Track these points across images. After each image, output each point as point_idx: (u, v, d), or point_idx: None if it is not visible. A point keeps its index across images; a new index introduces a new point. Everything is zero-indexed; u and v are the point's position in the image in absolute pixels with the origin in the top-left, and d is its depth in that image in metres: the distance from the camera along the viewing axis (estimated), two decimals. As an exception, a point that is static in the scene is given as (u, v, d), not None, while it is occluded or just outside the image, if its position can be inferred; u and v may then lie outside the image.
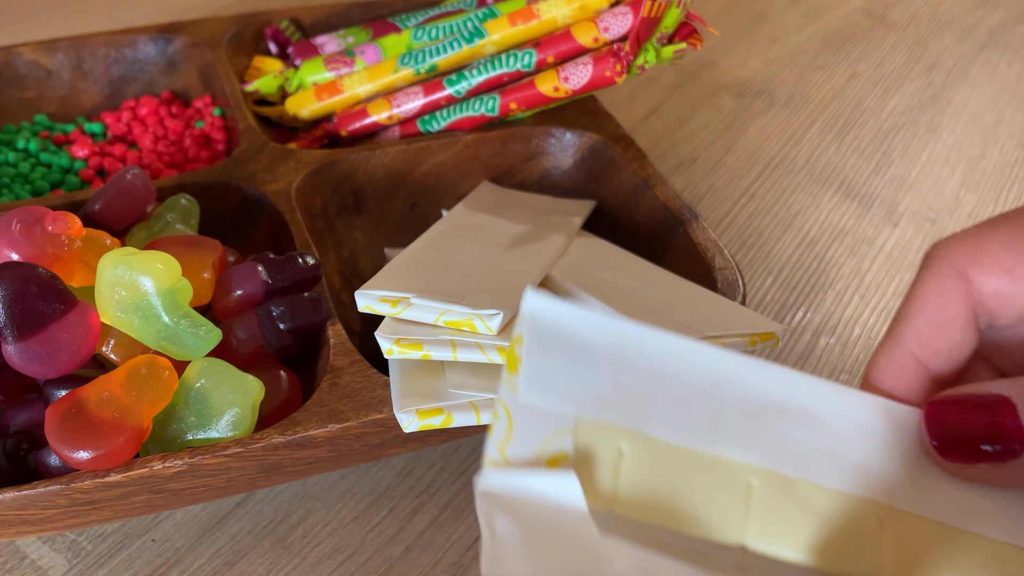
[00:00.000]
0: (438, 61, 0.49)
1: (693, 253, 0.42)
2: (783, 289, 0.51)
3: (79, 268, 0.35)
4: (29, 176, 0.48)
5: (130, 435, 0.31)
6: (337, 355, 0.36)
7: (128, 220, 0.40)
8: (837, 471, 0.22)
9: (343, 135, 0.50)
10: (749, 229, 0.55)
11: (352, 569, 0.37)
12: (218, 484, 0.33)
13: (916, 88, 0.69)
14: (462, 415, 0.33)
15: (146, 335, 0.33)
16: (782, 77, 0.70)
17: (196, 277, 0.35)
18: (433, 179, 0.49)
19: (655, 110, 0.65)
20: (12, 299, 0.31)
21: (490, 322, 0.33)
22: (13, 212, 0.35)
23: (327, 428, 0.33)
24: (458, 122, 0.49)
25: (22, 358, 0.31)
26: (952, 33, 0.76)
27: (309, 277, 0.38)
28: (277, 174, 0.45)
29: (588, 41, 0.46)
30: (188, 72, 0.56)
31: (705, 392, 0.23)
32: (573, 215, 0.46)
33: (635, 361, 0.22)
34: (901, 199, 0.58)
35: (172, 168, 0.51)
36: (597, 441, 0.22)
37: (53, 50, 0.54)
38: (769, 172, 0.60)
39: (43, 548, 0.37)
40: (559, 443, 0.22)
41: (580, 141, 0.49)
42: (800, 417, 0.23)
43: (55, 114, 0.54)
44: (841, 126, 0.65)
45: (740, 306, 0.38)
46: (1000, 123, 0.66)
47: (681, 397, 0.23)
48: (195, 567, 0.37)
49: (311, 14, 0.59)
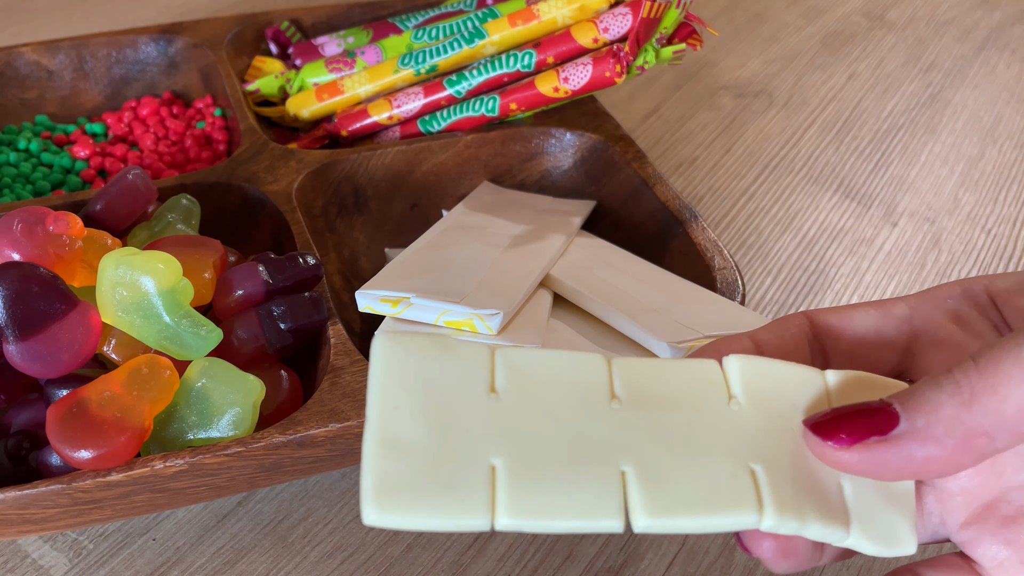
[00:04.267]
0: (438, 61, 0.49)
1: (693, 253, 0.42)
2: (782, 289, 0.51)
3: (80, 268, 0.35)
4: (30, 176, 0.49)
5: (131, 434, 0.31)
6: (338, 355, 0.36)
7: (129, 220, 0.40)
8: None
9: (344, 135, 0.51)
10: (748, 229, 0.55)
11: (353, 568, 0.37)
12: (219, 483, 0.33)
13: (915, 88, 0.69)
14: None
15: (147, 335, 0.33)
16: (781, 77, 0.70)
17: (197, 277, 0.36)
18: (433, 179, 0.49)
19: (655, 110, 0.65)
20: (13, 299, 0.31)
21: (490, 322, 0.33)
22: (14, 212, 0.35)
23: (328, 427, 0.33)
24: (458, 122, 0.49)
25: (23, 358, 0.31)
26: (951, 33, 0.76)
27: (310, 277, 0.38)
28: (278, 174, 0.45)
29: (588, 41, 0.46)
30: (189, 72, 0.56)
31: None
32: (573, 215, 0.46)
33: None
34: (900, 199, 0.59)
35: (173, 168, 0.51)
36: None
37: (54, 51, 0.54)
38: (768, 172, 0.60)
39: (44, 547, 0.37)
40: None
41: (580, 141, 0.50)
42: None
43: (56, 114, 0.55)
44: (840, 126, 0.65)
45: (739, 306, 0.38)
46: (999, 123, 0.66)
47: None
48: (196, 566, 0.37)
49: (311, 15, 0.59)
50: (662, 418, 0.22)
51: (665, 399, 0.22)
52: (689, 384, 0.23)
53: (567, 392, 0.22)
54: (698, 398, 0.22)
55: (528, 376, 0.22)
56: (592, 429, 0.21)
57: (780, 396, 0.23)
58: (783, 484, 0.21)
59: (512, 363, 0.22)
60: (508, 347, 0.22)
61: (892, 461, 0.21)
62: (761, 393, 0.23)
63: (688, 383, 0.23)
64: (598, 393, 0.22)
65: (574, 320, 0.38)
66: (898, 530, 0.22)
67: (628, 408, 0.22)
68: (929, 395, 0.21)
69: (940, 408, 0.20)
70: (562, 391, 0.22)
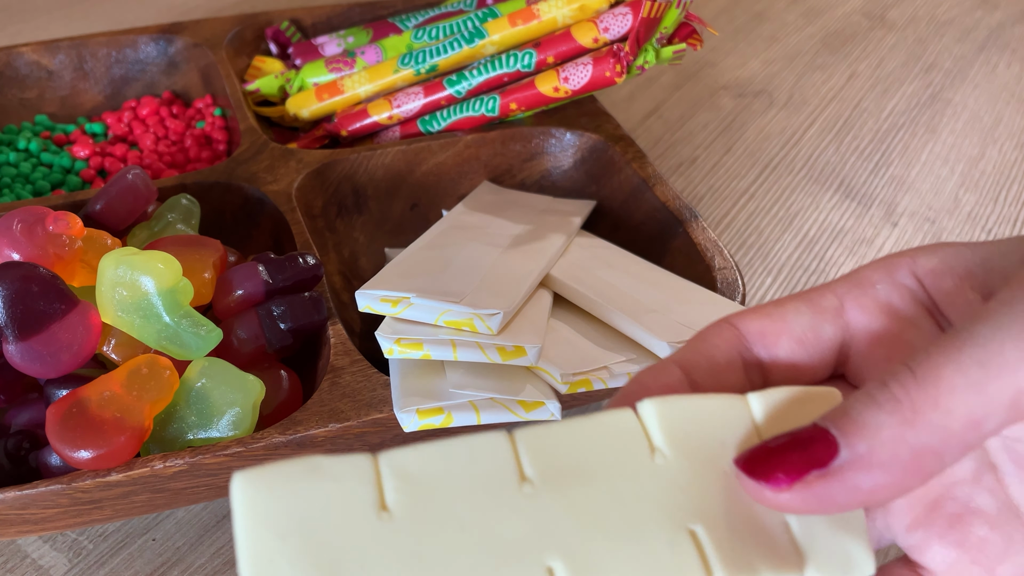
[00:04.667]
0: (438, 61, 0.49)
1: (693, 253, 0.42)
2: (783, 289, 0.51)
3: (80, 268, 0.35)
4: (30, 176, 0.49)
5: (131, 434, 0.31)
6: (338, 355, 0.36)
7: (129, 220, 0.40)
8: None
9: (343, 135, 0.51)
10: (749, 229, 0.55)
11: (352, 568, 0.37)
12: (219, 483, 0.33)
13: (915, 88, 0.69)
14: (462, 415, 0.33)
15: (147, 335, 0.33)
16: (782, 77, 0.70)
17: (197, 277, 0.36)
18: (433, 179, 0.49)
19: (655, 110, 0.65)
20: (13, 299, 0.31)
21: (490, 322, 0.33)
22: (14, 212, 0.35)
23: (328, 427, 0.33)
24: (458, 122, 0.49)
25: (23, 358, 0.31)
26: (951, 33, 0.76)
27: (310, 277, 0.38)
28: (278, 174, 0.45)
29: (588, 41, 0.46)
30: (189, 72, 0.56)
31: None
32: (573, 215, 0.46)
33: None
34: (900, 199, 0.58)
35: (173, 168, 0.51)
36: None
37: (54, 50, 0.54)
38: (769, 172, 0.60)
39: (44, 547, 0.37)
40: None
41: (580, 141, 0.50)
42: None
43: (56, 114, 0.55)
44: (840, 126, 0.65)
45: (740, 306, 0.38)
46: (999, 123, 0.66)
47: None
48: (196, 566, 0.37)
49: (312, 15, 0.59)
50: (583, 494, 0.19)
51: (582, 469, 0.19)
52: (606, 444, 0.20)
53: (470, 488, 0.19)
54: (618, 459, 0.20)
55: (421, 481, 0.19)
56: (506, 527, 0.18)
57: (706, 437, 0.21)
58: (726, 541, 0.20)
59: (400, 470, 0.19)
60: (391, 452, 0.19)
61: (837, 495, 0.19)
62: (685, 438, 0.20)
63: (605, 443, 0.20)
64: (505, 480, 0.19)
65: (574, 320, 0.38)
66: (853, 554, 0.21)
67: (543, 490, 0.19)
68: (867, 416, 0.19)
69: (881, 430, 0.18)
70: (464, 489, 0.19)
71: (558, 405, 0.33)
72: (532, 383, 0.34)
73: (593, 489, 0.19)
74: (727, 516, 0.20)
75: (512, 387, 0.34)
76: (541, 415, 0.33)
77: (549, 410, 0.33)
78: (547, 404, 0.33)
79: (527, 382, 0.34)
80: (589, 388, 0.34)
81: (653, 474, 0.20)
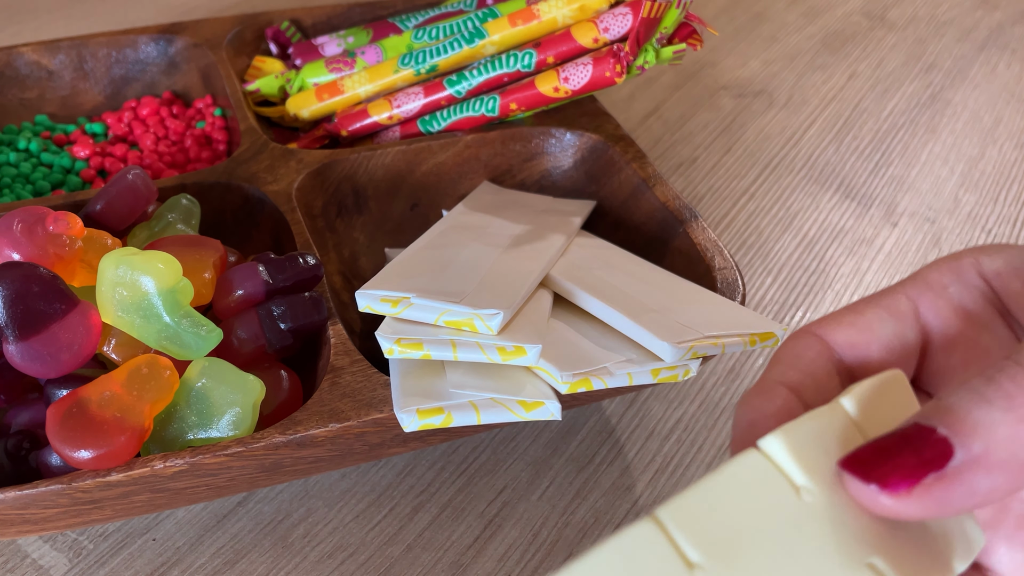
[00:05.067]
0: (438, 61, 0.49)
1: (693, 253, 0.42)
2: (782, 289, 0.51)
3: (80, 268, 0.35)
4: (30, 176, 0.49)
5: (131, 434, 0.31)
6: (338, 355, 0.36)
7: (129, 220, 0.40)
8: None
9: (344, 135, 0.51)
10: (749, 229, 0.55)
11: (353, 568, 0.37)
12: (219, 483, 0.33)
13: (915, 88, 0.69)
14: (462, 415, 0.33)
15: (147, 335, 0.33)
16: (782, 77, 0.70)
17: (197, 277, 0.36)
18: (433, 179, 0.49)
19: (655, 110, 0.65)
20: (14, 299, 0.31)
21: (490, 322, 0.33)
22: (14, 212, 0.35)
23: (328, 427, 0.33)
24: (458, 122, 0.49)
25: (23, 358, 0.31)
26: (951, 33, 0.76)
27: (310, 277, 0.38)
28: (278, 174, 0.45)
29: (588, 41, 0.46)
30: (189, 72, 0.56)
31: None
32: (573, 215, 0.46)
33: None
34: (900, 199, 0.59)
35: (173, 168, 0.51)
36: None
37: (54, 50, 0.54)
38: (768, 172, 0.60)
39: (44, 547, 0.37)
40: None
41: (580, 141, 0.50)
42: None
43: (56, 114, 0.55)
44: (840, 126, 0.65)
45: (740, 306, 0.38)
46: (999, 123, 0.66)
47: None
48: (196, 566, 0.37)
49: (312, 15, 0.59)
50: (756, 562, 0.18)
51: (741, 535, 0.18)
52: (752, 499, 0.19)
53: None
54: (771, 512, 0.19)
55: None
56: None
57: (833, 456, 0.20)
58: (903, 564, 0.19)
59: None
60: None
61: (955, 499, 0.18)
62: (819, 466, 0.19)
63: (750, 498, 0.19)
64: (678, 574, 0.18)
65: (574, 320, 0.38)
66: (969, 531, 0.20)
67: (715, 571, 0.18)
68: (978, 413, 0.18)
69: (995, 428, 0.17)
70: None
71: (558, 405, 0.33)
72: (532, 383, 0.34)
73: (762, 553, 0.18)
74: (893, 538, 0.19)
75: (512, 387, 0.34)
76: (541, 415, 0.33)
77: (549, 410, 0.33)
78: (547, 404, 0.33)
79: (527, 382, 0.34)
80: (589, 388, 0.34)
81: (811, 516, 0.19)
